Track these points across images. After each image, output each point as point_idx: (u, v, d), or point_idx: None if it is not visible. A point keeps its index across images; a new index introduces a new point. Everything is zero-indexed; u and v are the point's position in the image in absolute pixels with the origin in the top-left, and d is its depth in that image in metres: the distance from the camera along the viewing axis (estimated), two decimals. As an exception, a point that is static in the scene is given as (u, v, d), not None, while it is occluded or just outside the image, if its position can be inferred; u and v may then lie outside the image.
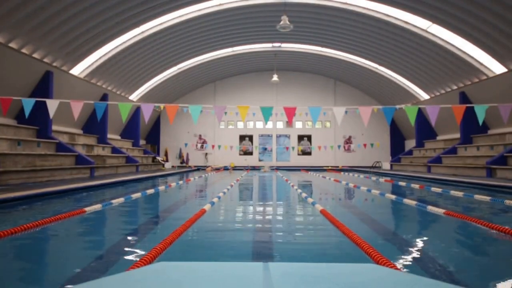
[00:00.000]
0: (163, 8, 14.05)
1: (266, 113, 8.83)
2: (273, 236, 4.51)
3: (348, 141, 27.46)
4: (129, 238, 4.40)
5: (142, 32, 16.05)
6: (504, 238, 4.30)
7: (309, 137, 27.66)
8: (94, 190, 9.82)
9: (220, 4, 15.70)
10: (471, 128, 16.81)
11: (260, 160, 27.52)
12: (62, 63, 14.04)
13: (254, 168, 25.36)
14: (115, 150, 18.24)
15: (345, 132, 27.44)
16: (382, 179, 14.62)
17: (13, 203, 6.74)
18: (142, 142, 25.60)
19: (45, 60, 13.02)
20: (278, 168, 25.28)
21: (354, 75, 24.58)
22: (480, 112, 8.92)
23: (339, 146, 25.27)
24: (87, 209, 5.92)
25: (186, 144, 24.98)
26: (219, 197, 8.06)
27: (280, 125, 27.77)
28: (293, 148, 26.43)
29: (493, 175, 13.47)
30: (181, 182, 13.64)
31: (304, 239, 4.42)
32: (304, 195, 8.65)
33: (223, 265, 2.03)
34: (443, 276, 2.99)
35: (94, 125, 17.25)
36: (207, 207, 6.27)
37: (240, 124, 27.56)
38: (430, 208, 6.31)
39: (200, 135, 27.48)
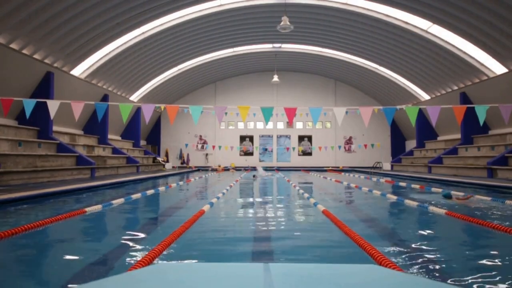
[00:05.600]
0: (163, 9, 14.06)
1: (267, 113, 8.83)
2: (274, 237, 4.51)
3: (349, 141, 27.44)
4: (129, 238, 4.40)
5: (143, 33, 16.06)
6: (505, 238, 4.29)
7: (309, 138, 27.65)
8: (95, 191, 9.82)
9: (221, 5, 15.70)
10: (472, 128, 16.79)
11: (260, 161, 27.51)
12: (63, 64, 14.06)
13: (254, 169, 25.32)
14: (115, 150, 18.24)
15: (345, 132, 27.42)
16: (382, 180, 14.60)
17: (14, 203, 6.74)
18: (142, 142, 25.62)
19: (46, 61, 13.03)
20: (278, 169, 25.27)
21: (354, 76, 24.58)
22: (481, 112, 8.91)
23: (339, 147, 25.26)
24: (87, 209, 5.92)
25: (186, 145, 24.97)
26: (218, 198, 8.06)
27: (280, 125, 27.76)
28: (293, 148, 26.42)
29: (494, 175, 13.45)
30: (181, 182, 13.64)
31: (306, 240, 4.42)
32: (306, 195, 8.65)
33: (223, 265, 2.03)
34: (444, 277, 2.99)
35: (95, 125, 17.26)
36: (206, 207, 6.26)
37: (241, 125, 27.56)
38: (431, 208, 6.30)
39: (200, 136, 27.48)
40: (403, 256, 3.49)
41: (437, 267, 3.19)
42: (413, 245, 3.98)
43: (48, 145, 12.92)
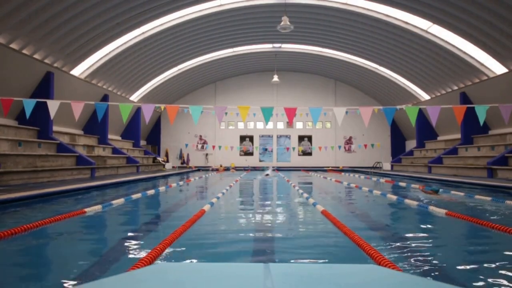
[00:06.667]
0: (163, 9, 14.06)
1: (267, 113, 8.83)
2: (274, 237, 4.51)
3: (349, 141, 27.44)
4: (129, 238, 4.40)
5: (143, 33, 16.06)
6: (505, 238, 4.30)
7: (309, 138, 27.65)
8: (95, 191, 9.83)
9: (221, 5, 15.71)
10: (472, 128, 16.80)
11: (260, 161, 27.52)
12: (63, 64, 14.06)
13: (255, 169, 25.30)
14: (115, 150, 18.25)
15: (345, 132, 27.43)
16: (382, 180, 14.60)
17: (14, 203, 6.74)
18: (142, 142, 25.62)
19: (46, 61, 13.03)
20: (278, 169, 25.28)
21: (354, 76, 24.58)
22: (481, 112, 8.91)
23: (339, 147, 25.26)
24: (87, 209, 5.92)
25: (186, 145, 24.98)
26: (218, 198, 8.06)
27: (280, 125, 27.76)
28: (293, 148, 26.43)
29: (494, 175, 13.45)
30: (181, 182, 13.64)
31: (305, 240, 4.42)
32: (305, 195, 8.64)
33: (223, 265, 2.03)
34: (444, 277, 2.99)
35: (95, 125, 17.26)
36: (206, 207, 6.26)
37: (241, 125, 27.56)
38: (432, 208, 6.31)
39: (200, 136, 27.48)
40: (403, 256, 3.49)
41: (437, 267, 3.20)
42: (412, 245, 3.98)
43: (48, 145, 12.91)
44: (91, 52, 14.76)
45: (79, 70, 15.47)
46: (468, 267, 3.31)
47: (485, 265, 3.32)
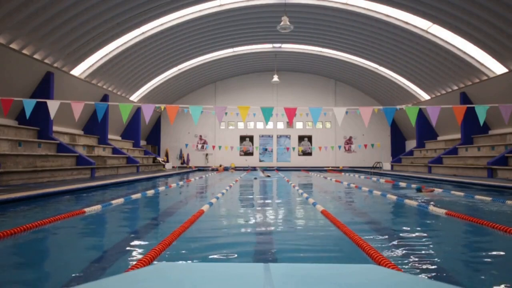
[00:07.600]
0: (163, 9, 14.07)
1: (267, 113, 8.83)
2: (273, 237, 4.50)
3: (349, 141, 27.44)
4: (129, 238, 4.40)
5: (143, 33, 16.06)
6: (505, 238, 4.29)
7: (309, 138, 27.65)
8: (95, 191, 9.82)
9: (221, 5, 15.71)
10: (472, 128, 16.81)
11: (260, 161, 27.52)
12: (63, 64, 14.06)
13: (255, 169, 25.29)
14: (115, 150, 18.25)
15: (345, 132, 27.43)
16: (382, 180, 14.60)
17: (14, 203, 6.74)
18: (142, 142, 25.62)
19: (46, 61, 13.03)
20: (278, 169, 25.27)
21: (354, 76, 24.58)
22: (481, 112, 8.91)
23: (339, 147, 25.27)
24: (87, 209, 5.92)
25: (186, 145, 24.99)
26: (217, 198, 8.06)
27: (280, 125, 27.77)
28: (293, 148, 26.43)
29: (494, 175, 13.45)
30: (181, 182, 13.64)
31: (305, 240, 4.41)
32: (305, 195, 8.64)
33: (223, 265, 2.03)
34: (444, 277, 2.99)
35: (95, 125, 17.27)
36: (205, 207, 6.26)
37: (241, 125, 27.57)
38: (431, 208, 6.30)
39: (200, 136, 27.48)
40: (403, 256, 3.49)
41: (437, 267, 3.19)
42: (413, 245, 3.97)
43: (48, 145, 12.91)
44: (91, 52, 14.76)
45: (79, 70, 15.47)
46: (468, 267, 3.31)
47: (485, 265, 3.31)
